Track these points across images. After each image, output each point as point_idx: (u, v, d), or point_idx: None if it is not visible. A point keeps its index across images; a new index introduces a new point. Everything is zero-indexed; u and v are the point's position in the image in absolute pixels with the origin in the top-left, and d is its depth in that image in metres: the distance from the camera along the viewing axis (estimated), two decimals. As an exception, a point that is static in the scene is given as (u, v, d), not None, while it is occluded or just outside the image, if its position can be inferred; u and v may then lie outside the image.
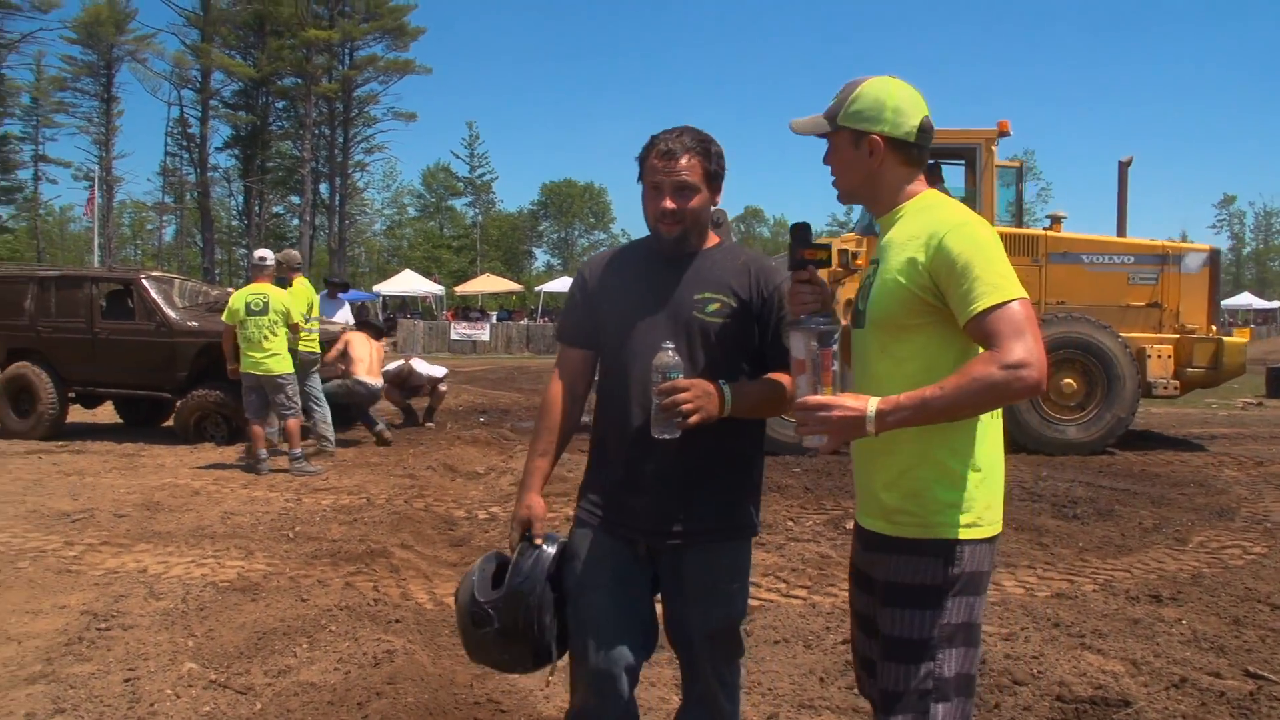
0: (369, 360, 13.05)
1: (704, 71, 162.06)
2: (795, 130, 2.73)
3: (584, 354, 3.04)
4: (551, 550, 2.92)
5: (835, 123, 2.62)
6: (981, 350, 2.34)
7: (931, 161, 12.49)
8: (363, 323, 13.74)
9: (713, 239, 3.02)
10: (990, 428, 2.53)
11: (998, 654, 4.97)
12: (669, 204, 2.85)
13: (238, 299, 10.78)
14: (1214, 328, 13.40)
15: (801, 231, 2.71)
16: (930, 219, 2.51)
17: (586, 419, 3.09)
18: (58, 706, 4.37)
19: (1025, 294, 2.35)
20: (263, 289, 10.84)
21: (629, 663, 2.87)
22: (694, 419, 2.65)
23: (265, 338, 10.58)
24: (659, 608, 3.02)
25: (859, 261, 12.22)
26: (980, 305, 2.31)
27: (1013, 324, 2.28)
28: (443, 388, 14.63)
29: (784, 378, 2.82)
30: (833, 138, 2.65)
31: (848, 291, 12.20)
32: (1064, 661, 4.90)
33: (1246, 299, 72.86)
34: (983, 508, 2.50)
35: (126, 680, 4.66)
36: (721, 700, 2.94)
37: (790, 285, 2.63)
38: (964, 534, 2.47)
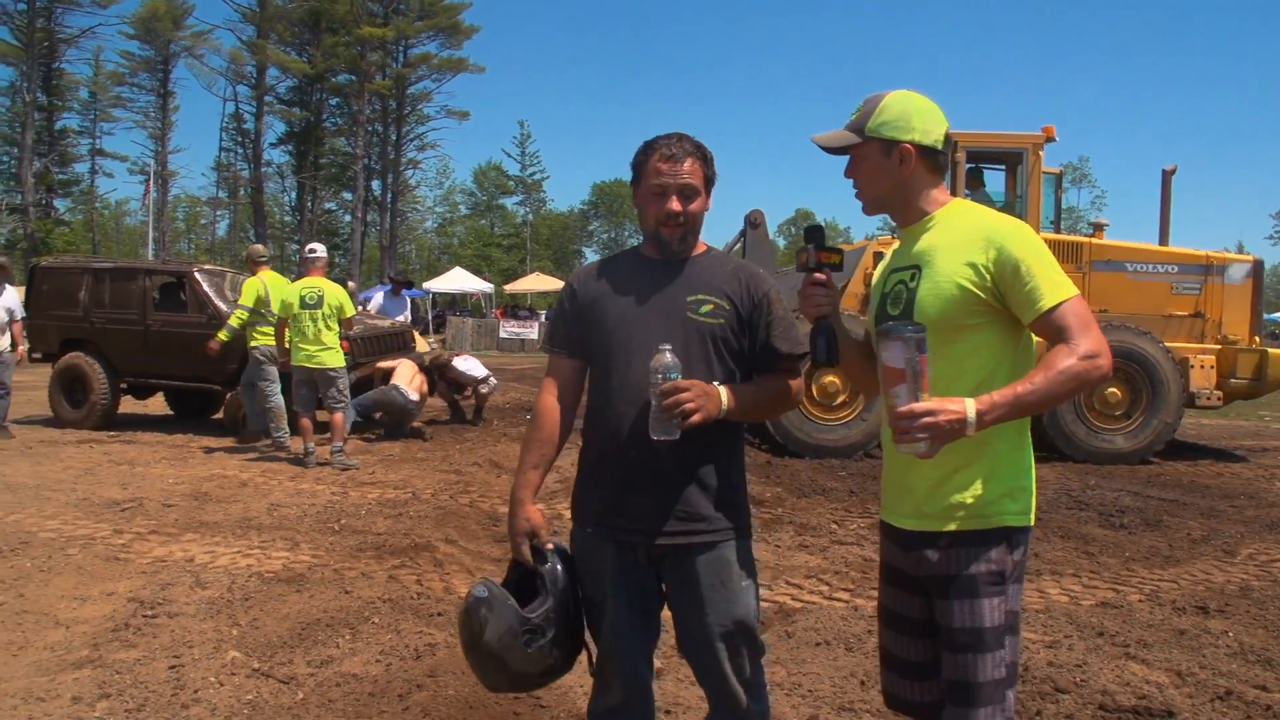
0: (408, 376, 13.10)
1: (755, 73, 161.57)
2: (820, 144, 2.77)
3: (575, 363, 3.02)
4: (561, 557, 2.94)
5: (864, 134, 2.68)
6: (1050, 345, 2.47)
7: (971, 165, 12.48)
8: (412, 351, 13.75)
9: (700, 246, 3.03)
10: (1027, 422, 2.64)
11: (1040, 661, 4.93)
12: (676, 206, 2.87)
13: (291, 292, 10.84)
14: (1257, 339, 13.27)
15: (817, 234, 2.79)
16: (978, 223, 2.62)
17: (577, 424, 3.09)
18: (103, 691, 4.44)
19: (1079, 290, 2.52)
20: (317, 283, 10.93)
21: (648, 666, 2.99)
22: (695, 418, 2.67)
23: (319, 331, 10.66)
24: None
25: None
26: (1047, 303, 2.46)
27: (1080, 318, 2.45)
28: (484, 389, 14.64)
29: (774, 380, 2.95)
30: (860, 149, 2.71)
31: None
32: (1107, 670, 4.85)
33: (1304, 310, 71.63)
34: (1029, 497, 2.64)
35: (171, 667, 4.74)
36: (747, 701, 2.93)
37: (804, 286, 2.71)
38: (1019, 521, 2.59)
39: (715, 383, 2.78)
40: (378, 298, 16.18)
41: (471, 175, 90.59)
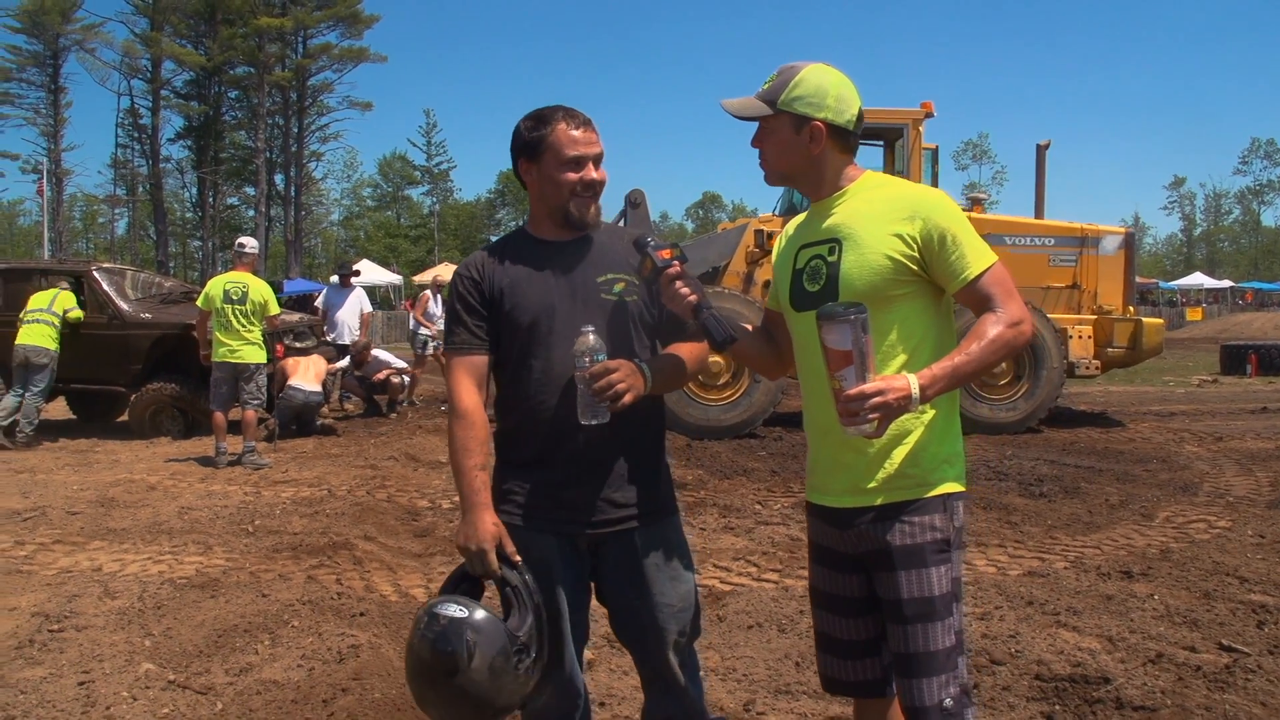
0: (303, 369, 12.82)
1: (661, 55, 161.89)
2: (728, 110, 2.70)
3: (485, 359, 2.86)
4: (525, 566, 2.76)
5: (775, 106, 2.62)
6: (976, 313, 2.52)
7: None
8: (290, 349, 13.40)
9: None
10: (958, 389, 2.63)
11: (974, 634, 4.93)
12: (595, 174, 2.82)
13: (215, 286, 10.64)
14: (1131, 308, 13.65)
15: (644, 242, 2.77)
16: (899, 194, 2.61)
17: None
18: (7, 714, 4.21)
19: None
20: (242, 277, 10.73)
21: (582, 656, 2.94)
22: (627, 398, 2.62)
23: (243, 326, 10.46)
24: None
25: (772, 243, 12.25)
26: (973, 271, 2.51)
27: (1003, 285, 2.52)
28: (395, 380, 14.46)
29: (682, 349, 2.89)
30: (770, 121, 2.65)
31: (765, 273, 12.23)
32: (1040, 640, 4.87)
33: (1198, 279, 74.01)
34: (962, 463, 2.66)
35: (81, 683, 4.51)
36: (688, 685, 2.92)
37: (664, 288, 2.68)
38: (957, 487, 2.62)
39: (636, 360, 2.72)
40: (325, 292, 15.75)
41: (376, 166, 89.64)
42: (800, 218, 2.84)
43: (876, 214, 2.57)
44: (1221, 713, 4.02)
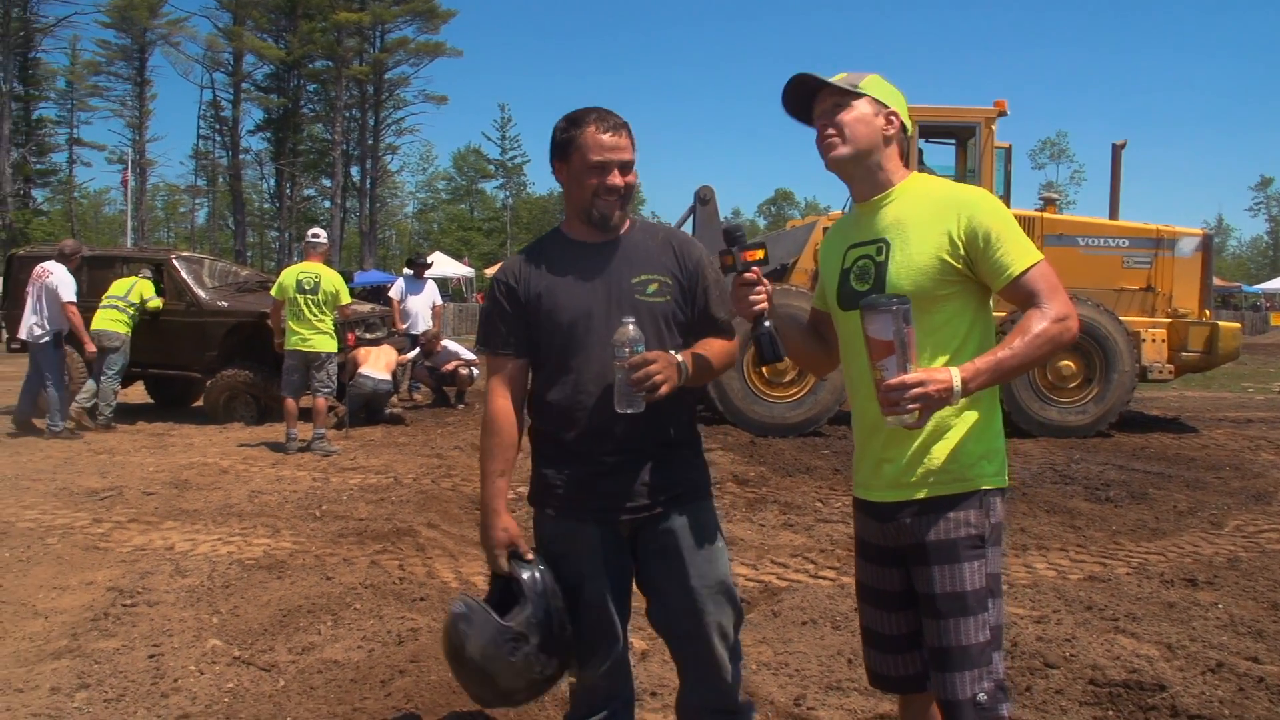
0: (373, 358, 13.00)
1: (737, 52, 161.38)
2: (812, 81, 2.71)
3: (521, 362, 2.97)
4: (542, 564, 2.90)
5: (857, 90, 2.69)
6: (1021, 309, 2.54)
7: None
8: (361, 340, 13.58)
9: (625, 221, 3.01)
10: (998, 386, 2.65)
11: (1029, 636, 4.89)
12: (620, 180, 2.86)
13: (288, 276, 10.83)
14: (1207, 312, 13.34)
15: (736, 235, 2.77)
16: (945, 194, 2.66)
17: None
18: (82, 681, 4.36)
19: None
20: (315, 268, 10.91)
21: (626, 643, 2.99)
22: (663, 389, 2.67)
23: (315, 316, 10.63)
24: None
25: (757, 254, 12.14)
26: (1016, 268, 2.52)
27: (1049, 281, 2.52)
28: (464, 371, 14.59)
29: (714, 345, 2.96)
30: (851, 98, 2.68)
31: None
32: (1097, 645, 4.82)
33: (1284, 282, 72.00)
34: (1002, 459, 2.69)
35: (150, 656, 4.66)
36: (730, 666, 2.96)
37: (735, 288, 2.72)
38: (995, 483, 2.64)
39: (672, 352, 2.79)
40: (399, 284, 15.97)
41: (450, 160, 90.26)
42: (845, 218, 2.90)
43: (923, 215, 2.62)
44: (1281, 724, 3.97)
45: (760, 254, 2.74)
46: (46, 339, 11.71)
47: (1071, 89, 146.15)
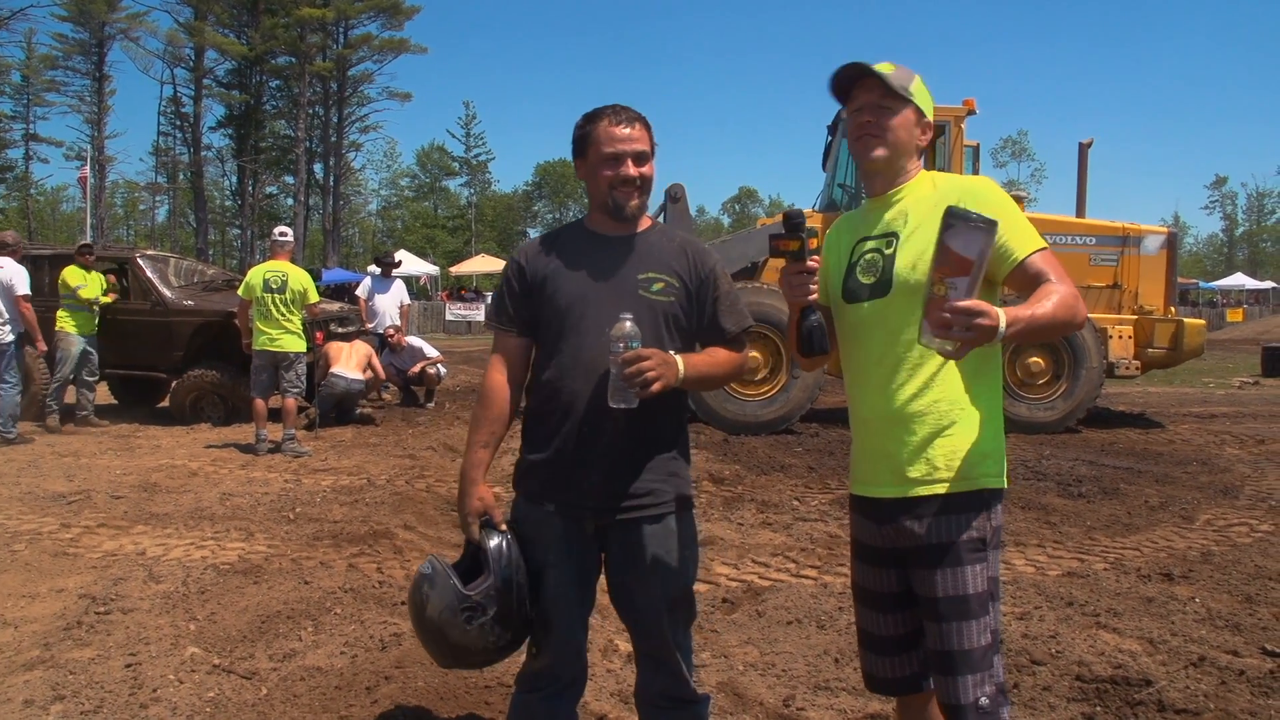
0: (344, 356, 12.90)
1: (701, 51, 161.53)
2: (879, 72, 2.68)
3: (523, 341, 3.03)
4: (510, 536, 2.93)
5: (909, 93, 2.70)
6: (1031, 289, 2.53)
7: None
8: (333, 334, 13.47)
9: (645, 221, 3.04)
10: (1000, 384, 2.73)
11: (1014, 634, 4.92)
12: (634, 170, 2.88)
13: (255, 275, 10.72)
14: (1172, 309, 13.52)
15: (798, 220, 2.73)
16: (950, 185, 2.70)
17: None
18: (57, 693, 4.27)
19: None
20: (282, 266, 10.80)
21: (584, 630, 3.06)
22: (656, 386, 2.67)
23: (283, 315, 10.53)
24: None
25: (813, 241, 12.18)
26: (1022, 253, 2.55)
27: (1055, 265, 2.56)
28: (431, 370, 14.52)
29: (719, 354, 2.99)
30: (900, 104, 2.70)
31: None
32: (1081, 641, 4.85)
33: (1239, 279, 73.07)
34: (1003, 459, 2.68)
35: (127, 665, 4.58)
36: (680, 663, 3.01)
37: (790, 274, 2.70)
38: (996, 484, 2.64)
39: (671, 351, 2.79)
40: (366, 282, 15.84)
41: (414, 157, 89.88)
42: (853, 213, 2.90)
43: (930, 208, 2.61)
44: (1267, 718, 4.00)
45: (815, 243, 2.71)
46: (9, 339, 11.47)
47: (1031, 87, 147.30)
